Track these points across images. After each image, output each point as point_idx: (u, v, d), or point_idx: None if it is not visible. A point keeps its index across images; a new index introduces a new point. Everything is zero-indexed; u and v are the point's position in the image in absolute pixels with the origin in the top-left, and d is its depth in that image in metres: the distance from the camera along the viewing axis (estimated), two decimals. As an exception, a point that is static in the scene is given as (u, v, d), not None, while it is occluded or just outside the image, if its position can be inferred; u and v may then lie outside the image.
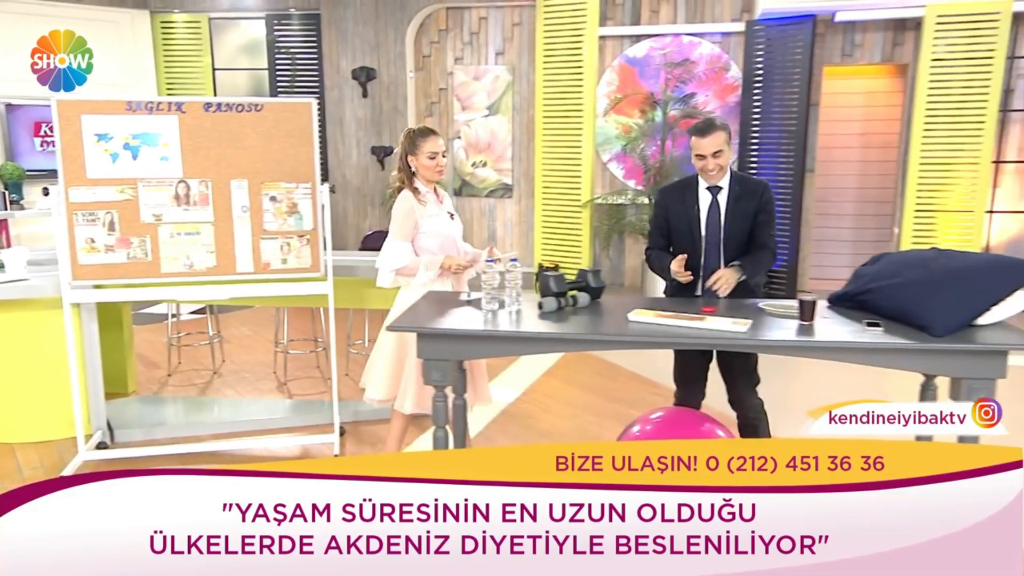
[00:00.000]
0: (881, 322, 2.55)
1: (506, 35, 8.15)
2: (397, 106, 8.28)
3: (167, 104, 3.48)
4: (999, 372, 2.36)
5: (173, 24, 8.65)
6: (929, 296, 2.45)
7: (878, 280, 2.67)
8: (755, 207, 3.05)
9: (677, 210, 3.17)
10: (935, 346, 2.35)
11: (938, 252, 2.61)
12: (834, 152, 8.40)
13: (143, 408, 4.48)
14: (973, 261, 2.51)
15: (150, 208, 3.54)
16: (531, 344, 2.64)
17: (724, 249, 3.09)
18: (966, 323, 2.42)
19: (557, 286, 2.85)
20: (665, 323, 2.65)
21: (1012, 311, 2.47)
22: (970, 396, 2.40)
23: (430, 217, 3.22)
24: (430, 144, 3.18)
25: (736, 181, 3.11)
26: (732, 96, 7.67)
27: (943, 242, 6.89)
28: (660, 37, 7.75)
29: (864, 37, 7.40)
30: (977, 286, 2.42)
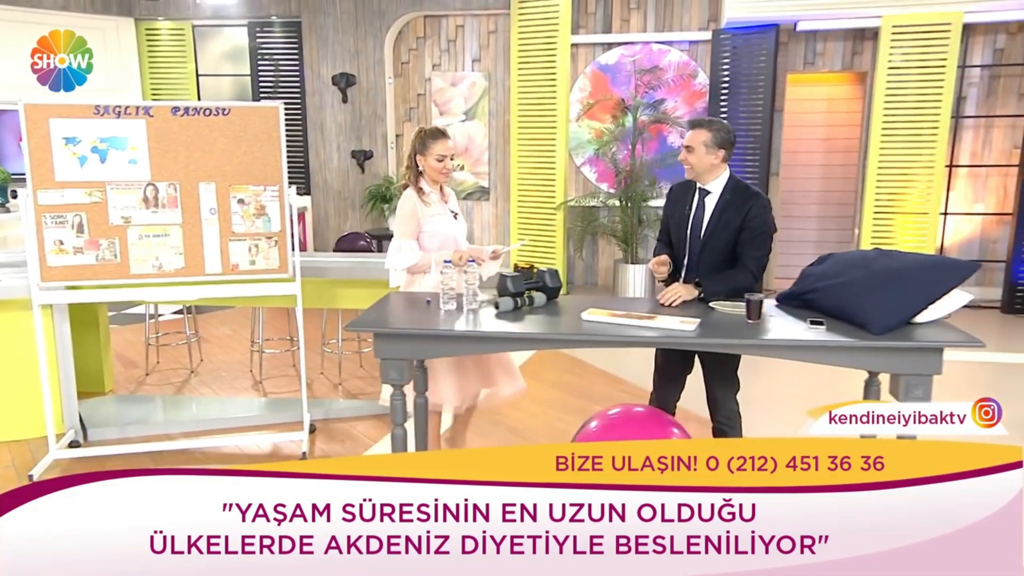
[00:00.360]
0: (825, 321, 2.54)
1: (482, 42, 8.11)
2: (376, 111, 8.21)
3: (135, 108, 3.41)
4: (935, 368, 2.34)
5: (158, 31, 8.55)
6: (869, 295, 2.44)
7: (823, 280, 2.66)
8: (739, 220, 2.91)
9: (675, 208, 3.10)
10: (871, 344, 2.33)
11: (880, 253, 2.60)
12: (798, 156, 8.42)
13: (118, 407, 4.40)
14: (911, 261, 2.50)
15: (118, 210, 3.47)
16: (485, 343, 2.60)
17: (700, 254, 2.97)
18: (904, 321, 2.40)
19: (514, 286, 2.81)
20: (615, 322, 2.62)
21: (949, 309, 2.46)
22: (908, 392, 2.39)
23: (433, 216, 3.17)
24: (440, 146, 3.13)
25: (730, 189, 2.97)
26: (700, 102, 7.67)
27: (901, 242, 6.92)
28: (631, 45, 7.74)
29: (825, 46, 7.42)
30: (914, 285, 2.40)
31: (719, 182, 2.98)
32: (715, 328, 2.53)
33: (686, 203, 3.04)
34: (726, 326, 2.55)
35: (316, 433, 4.10)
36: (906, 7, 6.58)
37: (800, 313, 2.69)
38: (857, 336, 2.38)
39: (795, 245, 8.53)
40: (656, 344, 2.57)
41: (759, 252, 2.90)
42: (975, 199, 7.30)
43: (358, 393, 4.69)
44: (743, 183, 3.03)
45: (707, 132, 2.91)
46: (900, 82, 6.71)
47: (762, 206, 2.94)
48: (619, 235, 7.44)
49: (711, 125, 2.94)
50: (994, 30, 6.96)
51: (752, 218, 2.91)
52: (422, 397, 3.11)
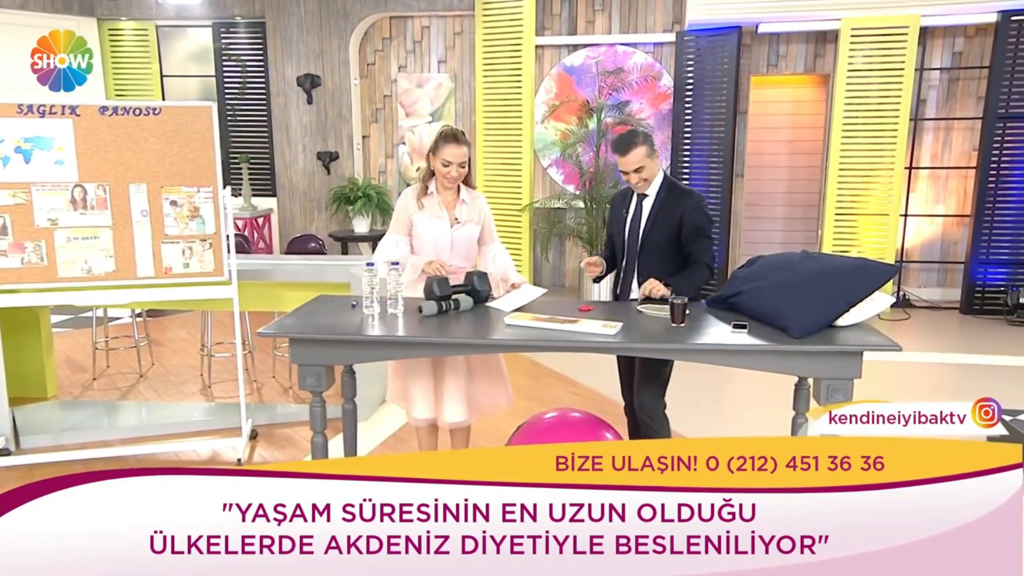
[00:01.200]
0: (749, 324, 2.48)
1: (448, 43, 8.03)
2: (342, 112, 8.11)
3: (60, 107, 3.31)
4: (854, 372, 2.29)
5: (121, 31, 8.40)
6: (790, 298, 2.38)
7: (748, 283, 2.60)
8: (678, 218, 2.89)
9: (615, 215, 3.10)
10: (789, 348, 2.27)
11: (805, 255, 2.55)
12: (764, 158, 8.39)
13: (57, 413, 4.28)
14: (833, 265, 2.44)
15: (45, 212, 3.37)
16: (400, 349, 2.53)
17: (640, 256, 2.96)
18: (824, 325, 2.35)
19: (440, 289, 2.74)
20: (538, 326, 2.55)
21: (870, 313, 2.41)
22: (829, 396, 2.34)
23: (426, 218, 3.03)
24: (447, 151, 2.94)
25: (665, 188, 2.96)
26: (665, 104, 7.63)
27: (863, 244, 6.91)
28: (596, 47, 7.69)
29: (788, 48, 7.40)
30: (834, 289, 2.35)
31: (655, 185, 2.98)
32: (637, 332, 2.46)
33: (623, 209, 3.05)
34: (648, 330, 2.49)
35: (258, 439, 4.00)
36: (864, 10, 6.57)
37: (728, 317, 2.63)
38: (778, 340, 2.32)
39: (761, 247, 8.49)
40: (575, 349, 2.50)
41: (708, 245, 2.90)
42: (936, 201, 7.30)
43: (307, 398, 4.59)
44: (675, 182, 3.03)
45: (642, 146, 2.88)
46: (860, 85, 6.69)
47: (697, 202, 2.94)
48: (584, 237, 7.38)
49: (637, 137, 2.90)
50: (952, 33, 6.96)
51: (691, 214, 2.89)
52: (350, 403, 3.03)
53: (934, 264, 7.36)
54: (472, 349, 2.56)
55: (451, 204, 3.07)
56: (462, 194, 3.09)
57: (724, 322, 2.56)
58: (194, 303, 4.17)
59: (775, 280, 2.48)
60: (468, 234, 3.08)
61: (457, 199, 3.08)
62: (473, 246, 3.12)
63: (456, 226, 3.05)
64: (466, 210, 3.08)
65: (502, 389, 3.17)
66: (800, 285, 2.39)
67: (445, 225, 3.04)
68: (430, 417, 3.01)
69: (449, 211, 3.06)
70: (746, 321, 2.51)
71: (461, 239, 3.06)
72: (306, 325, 2.58)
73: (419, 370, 2.99)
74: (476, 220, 3.10)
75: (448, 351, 2.55)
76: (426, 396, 2.99)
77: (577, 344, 2.45)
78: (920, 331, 6.31)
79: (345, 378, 3.01)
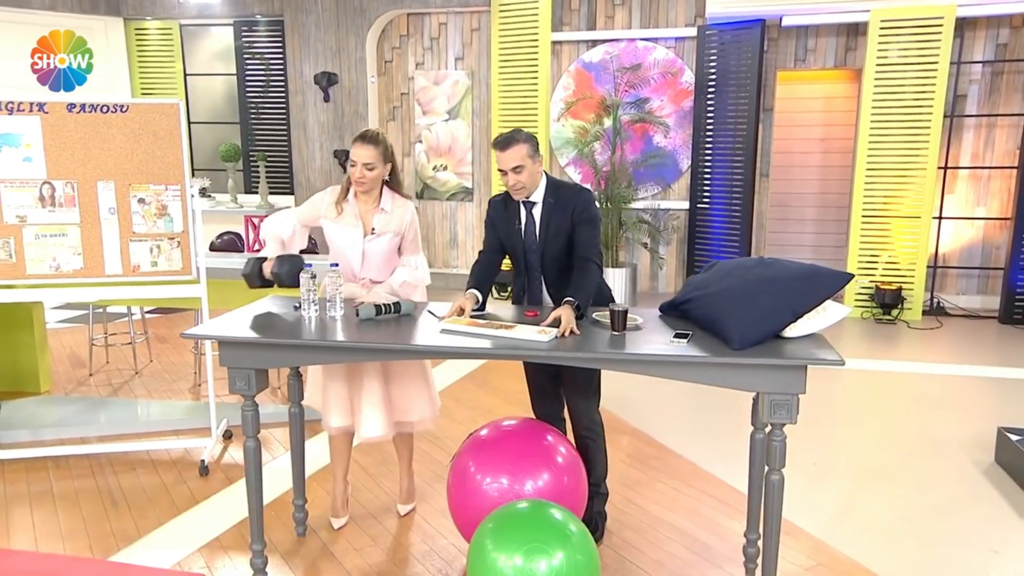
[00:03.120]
0: (693, 333, 2.34)
1: (465, 40, 7.98)
2: (358, 110, 8.13)
3: (28, 104, 3.35)
4: (798, 387, 2.12)
5: (146, 31, 8.59)
6: (733, 307, 2.23)
7: (699, 289, 2.45)
8: (570, 218, 2.74)
9: (502, 226, 2.89)
10: (723, 360, 2.12)
11: (759, 261, 2.38)
12: (793, 157, 8.10)
13: (42, 408, 4.36)
14: (784, 271, 2.28)
15: (13, 209, 3.41)
16: (327, 353, 2.45)
17: (544, 270, 2.82)
18: (768, 335, 2.18)
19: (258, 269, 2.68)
20: (472, 331, 2.46)
21: (823, 324, 2.24)
22: (773, 413, 2.18)
23: (339, 226, 2.91)
24: (355, 151, 2.82)
25: (551, 191, 2.79)
26: (686, 101, 7.42)
27: (896, 247, 6.60)
28: (615, 42, 7.53)
29: (817, 42, 7.11)
30: (781, 297, 2.18)
31: (540, 190, 2.79)
32: (571, 340, 2.34)
33: (511, 220, 2.85)
34: (583, 338, 2.37)
35: (232, 439, 3.99)
36: (896, 0, 6.26)
37: (678, 324, 2.49)
38: (718, 351, 2.18)
39: (790, 250, 8.21)
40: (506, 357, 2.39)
41: (593, 240, 2.74)
42: (976, 202, 6.92)
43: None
44: (560, 182, 2.84)
45: (525, 145, 2.70)
46: (891, 79, 6.39)
47: (586, 199, 2.78)
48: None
49: (520, 135, 2.72)
50: (996, 24, 6.58)
51: (583, 209, 2.75)
52: (296, 407, 2.98)
53: (973, 270, 6.98)
54: (401, 355, 2.47)
55: (369, 213, 2.91)
56: (383, 202, 2.91)
57: (673, 330, 2.42)
58: (163, 301, 4.18)
59: (723, 287, 2.33)
60: (382, 246, 2.90)
61: (376, 207, 2.92)
62: (390, 258, 2.95)
63: (370, 237, 2.90)
64: (384, 219, 2.89)
65: (424, 397, 3.02)
66: (744, 293, 2.23)
67: (359, 235, 2.90)
68: (343, 426, 2.92)
69: (366, 220, 2.92)
70: (691, 330, 2.37)
71: (374, 251, 2.90)
72: (237, 327, 2.53)
73: (335, 377, 2.89)
74: (396, 230, 2.91)
75: (377, 356, 2.47)
76: (341, 403, 2.89)
77: (508, 352, 2.34)
78: (952, 341, 5.98)
79: (291, 381, 2.97)
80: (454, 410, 4.45)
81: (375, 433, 2.87)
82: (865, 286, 6.78)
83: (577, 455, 2.83)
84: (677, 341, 2.26)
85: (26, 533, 3.04)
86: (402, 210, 2.95)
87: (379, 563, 2.83)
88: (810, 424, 4.20)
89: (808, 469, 3.61)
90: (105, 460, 3.72)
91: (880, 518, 3.15)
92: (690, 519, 3.13)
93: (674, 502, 3.27)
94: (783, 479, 2.26)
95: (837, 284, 2.19)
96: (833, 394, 4.75)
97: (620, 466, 3.63)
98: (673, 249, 7.68)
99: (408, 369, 2.99)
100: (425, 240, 8.39)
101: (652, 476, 3.53)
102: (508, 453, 2.72)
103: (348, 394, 2.93)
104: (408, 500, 3.23)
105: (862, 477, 3.53)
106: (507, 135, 2.73)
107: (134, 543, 2.96)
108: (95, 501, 3.30)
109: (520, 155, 2.69)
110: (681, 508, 3.22)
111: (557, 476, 2.69)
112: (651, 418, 4.25)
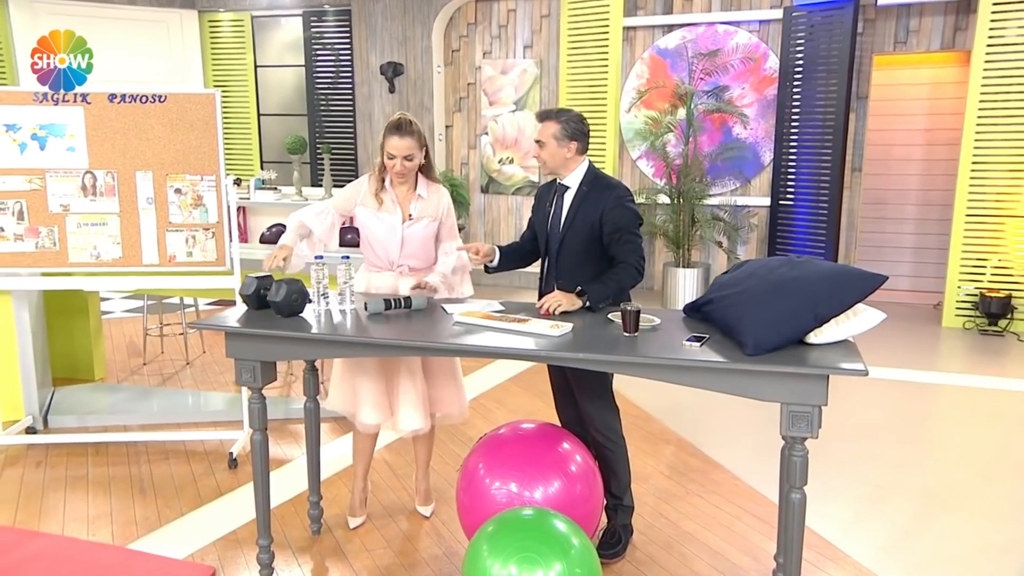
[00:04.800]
0: (710, 337, 2.26)
1: (534, 27, 7.98)
2: (423, 102, 8.27)
3: (73, 95, 3.57)
4: (819, 399, 2.02)
5: (219, 23, 9.00)
6: (751, 309, 2.14)
7: (722, 290, 2.37)
8: (598, 215, 2.73)
9: (539, 208, 2.99)
10: (735, 366, 2.03)
11: (786, 260, 2.28)
12: (893, 150, 7.72)
13: (91, 395, 4.63)
14: (811, 271, 2.16)
15: (57, 198, 3.64)
16: (333, 348, 2.50)
17: (559, 253, 2.84)
18: (787, 341, 2.08)
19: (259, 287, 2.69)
20: (485, 324, 2.47)
21: (855, 330, 2.12)
22: (792, 424, 2.08)
23: (376, 214, 2.99)
24: (390, 144, 2.89)
25: (588, 181, 2.81)
26: (770, 89, 7.18)
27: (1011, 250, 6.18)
28: (693, 26, 7.36)
29: (920, 22, 6.74)
30: (801, 300, 2.08)
31: (576, 176, 2.83)
32: (581, 340, 2.31)
33: (547, 201, 2.93)
34: (595, 338, 2.32)
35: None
36: (1008, -27, 5.86)
37: (699, 327, 2.42)
38: (732, 356, 2.10)
39: (887, 251, 7.82)
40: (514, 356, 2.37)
41: (634, 244, 2.70)
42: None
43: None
44: (602, 174, 2.86)
45: (556, 124, 2.76)
46: (1004, 62, 5.98)
47: (618, 197, 2.75)
48: (670, 236, 7.09)
49: (559, 116, 2.78)
50: None
51: (610, 211, 2.73)
52: (312, 402, 3.06)
53: (1100, 278, 6.45)
54: (406, 351, 2.50)
55: (406, 199, 3.00)
56: (419, 188, 3.02)
57: (694, 332, 2.35)
58: (200, 292, 4.36)
59: (745, 288, 2.24)
60: (421, 232, 2.99)
61: (413, 194, 3.01)
62: (427, 244, 3.03)
63: (408, 223, 2.98)
64: (421, 205, 2.99)
65: (455, 398, 3.08)
66: (764, 295, 2.14)
67: (397, 221, 2.97)
68: (378, 422, 2.98)
69: (404, 206, 3.00)
70: (707, 333, 2.29)
71: (413, 237, 2.97)
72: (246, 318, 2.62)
73: (368, 373, 2.95)
74: (433, 216, 3.01)
75: (382, 352, 2.50)
76: (376, 400, 2.95)
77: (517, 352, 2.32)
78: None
79: (306, 375, 3.05)
80: (493, 411, 4.46)
81: (415, 426, 2.95)
82: (970, 293, 6.38)
83: (594, 465, 2.79)
84: (690, 344, 2.20)
85: (56, 517, 3.24)
86: (438, 195, 3.05)
87: (388, 564, 2.87)
88: (880, 442, 3.99)
89: (869, 491, 3.43)
90: (142, 448, 3.92)
91: (944, 550, 2.96)
92: (724, 537, 3.02)
93: (710, 518, 3.18)
94: (804, 498, 2.15)
95: (866, 286, 2.07)
96: (917, 411, 4.49)
97: (658, 477, 3.55)
98: (752, 249, 7.44)
99: (440, 366, 3.07)
100: (489, 236, 8.45)
101: (690, 490, 3.44)
102: (520, 457, 2.72)
103: (384, 390, 2.99)
104: (426, 502, 3.27)
105: (930, 502, 3.33)
106: (549, 110, 2.82)
107: (154, 531, 3.12)
108: (125, 488, 3.49)
109: (546, 132, 2.78)
110: (716, 525, 3.12)
111: (569, 485, 2.66)
112: (701, 428, 4.13)
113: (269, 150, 9.28)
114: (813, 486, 2.84)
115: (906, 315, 6.86)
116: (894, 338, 6.02)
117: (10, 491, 3.47)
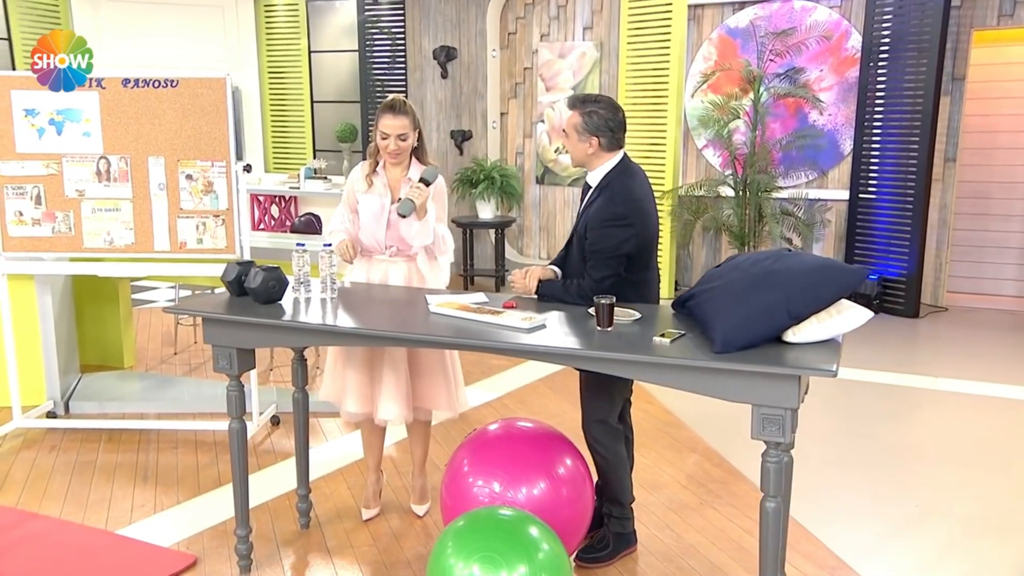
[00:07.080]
0: (685, 333, 2.25)
1: (595, 7, 7.97)
2: (477, 87, 8.38)
3: (88, 80, 3.81)
4: (790, 401, 1.98)
5: (274, 8, 9.36)
6: (725, 305, 2.12)
7: (706, 283, 2.36)
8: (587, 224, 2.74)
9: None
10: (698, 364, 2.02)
11: (774, 253, 2.24)
12: (997, 138, 7.34)
13: (115, 383, 4.92)
14: (794, 265, 2.12)
15: (73, 183, 3.90)
16: (308, 336, 2.61)
17: (566, 256, 2.88)
18: (759, 339, 2.05)
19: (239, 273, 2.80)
20: (459, 315, 2.53)
21: (840, 328, 2.07)
22: (763, 428, 2.06)
23: (368, 196, 3.14)
24: (384, 123, 3.04)
25: (606, 181, 2.77)
26: (852, 71, 6.96)
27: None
28: (768, 3, 7.20)
29: (1026, -7, 6.41)
30: (777, 294, 2.04)
31: (598, 173, 2.80)
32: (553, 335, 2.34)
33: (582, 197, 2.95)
34: (568, 333, 2.35)
35: (280, 425, 4.31)
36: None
37: (684, 322, 2.41)
38: (699, 354, 2.08)
39: (988, 252, 7.45)
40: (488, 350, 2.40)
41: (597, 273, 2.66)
42: None
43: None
44: (621, 180, 2.75)
45: (577, 115, 2.70)
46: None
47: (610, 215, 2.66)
48: (735, 231, 6.96)
49: (584, 105, 2.70)
50: None
51: (593, 229, 2.69)
52: (300, 392, 3.19)
53: None
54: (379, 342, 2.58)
55: (397, 183, 3.10)
56: (411, 171, 3.10)
57: (678, 328, 2.34)
58: (210, 280, 4.57)
59: (726, 281, 2.22)
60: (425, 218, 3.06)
61: (404, 177, 3.10)
62: None
63: (396, 205, 3.06)
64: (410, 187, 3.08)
65: (443, 393, 3.14)
66: (741, 290, 2.11)
67: (385, 203, 3.08)
68: (361, 412, 3.08)
69: (395, 190, 3.09)
70: (685, 329, 2.28)
71: (399, 220, 3.07)
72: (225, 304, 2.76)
73: (355, 364, 3.07)
74: None
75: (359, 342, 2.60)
76: (360, 391, 3.06)
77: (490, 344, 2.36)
78: None
79: (295, 365, 3.17)
80: (514, 412, 4.51)
81: (390, 416, 3.06)
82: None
83: (584, 469, 2.81)
84: (660, 341, 2.19)
85: (56, 500, 3.48)
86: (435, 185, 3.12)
87: (370, 562, 2.97)
88: (926, 460, 3.85)
89: (905, 512, 3.31)
90: (154, 436, 4.16)
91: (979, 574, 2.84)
92: (730, 554, 2.98)
93: (719, 533, 3.14)
94: (779, 508, 2.12)
95: (846, 281, 2.03)
96: (982, 428, 4.29)
97: (674, 487, 3.53)
98: (829, 247, 7.22)
99: (428, 359, 3.14)
100: (544, 230, 8.49)
101: (706, 501, 3.40)
102: (507, 457, 2.77)
103: (367, 381, 3.10)
104: (421, 500, 3.35)
105: (971, 526, 3.19)
106: (576, 97, 2.79)
107: (147, 518, 3.31)
108: (128, 475, 3.71)
109: (570, 122, 2.77)
110: (724, 540, 3.08)
111: (555, 487, 2.70)
112: (731, 436, 4.06)
113: (322, 138, 9.58)
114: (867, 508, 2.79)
115: (1010, 324, 6.54)
116: (995, 350, 5.75)
117: (20, 473, 3.74)
